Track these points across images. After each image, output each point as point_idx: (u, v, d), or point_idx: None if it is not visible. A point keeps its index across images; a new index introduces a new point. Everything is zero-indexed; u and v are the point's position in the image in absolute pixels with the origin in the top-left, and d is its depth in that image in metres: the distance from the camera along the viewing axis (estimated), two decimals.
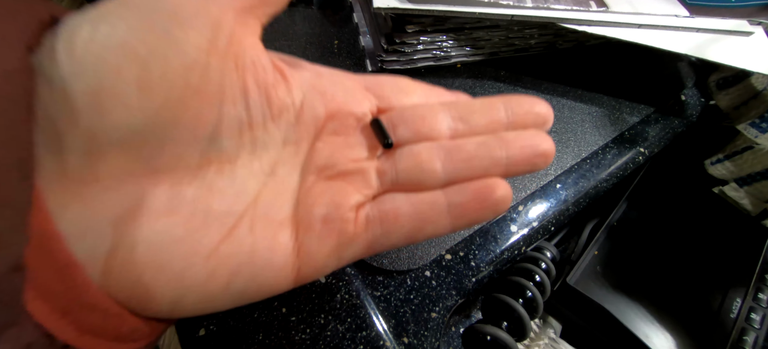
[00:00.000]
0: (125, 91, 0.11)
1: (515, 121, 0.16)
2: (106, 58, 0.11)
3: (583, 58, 0.35)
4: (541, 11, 0.28)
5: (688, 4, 0.34)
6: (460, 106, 0.16)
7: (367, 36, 0.31)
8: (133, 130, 0.11)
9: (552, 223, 0.26)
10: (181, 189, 0.13)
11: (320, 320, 0.20)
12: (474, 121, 0.16)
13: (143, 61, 0.11)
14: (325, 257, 0.14)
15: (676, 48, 0.29)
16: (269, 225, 0.14)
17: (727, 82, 0.35)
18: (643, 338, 0.25)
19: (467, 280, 0.23)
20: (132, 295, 0.12)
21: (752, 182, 0.31)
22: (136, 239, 0.12)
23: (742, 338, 0.25)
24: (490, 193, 0.14)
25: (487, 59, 0.32)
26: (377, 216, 0.14)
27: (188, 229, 0.12)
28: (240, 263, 0.13)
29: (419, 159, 0.15)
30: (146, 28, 0.11)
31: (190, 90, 0.12)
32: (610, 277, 0.28)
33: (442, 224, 0.15)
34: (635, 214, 0.32)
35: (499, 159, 0.15)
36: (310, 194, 0.15)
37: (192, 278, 0.12)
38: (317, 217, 0.14)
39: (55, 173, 0.11)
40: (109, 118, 0.11)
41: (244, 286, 0.13)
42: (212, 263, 0.13)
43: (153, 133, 0.12)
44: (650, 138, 0.31)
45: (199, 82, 0.12)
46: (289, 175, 0.15)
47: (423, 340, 0.21)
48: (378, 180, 0.15)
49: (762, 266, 0.28)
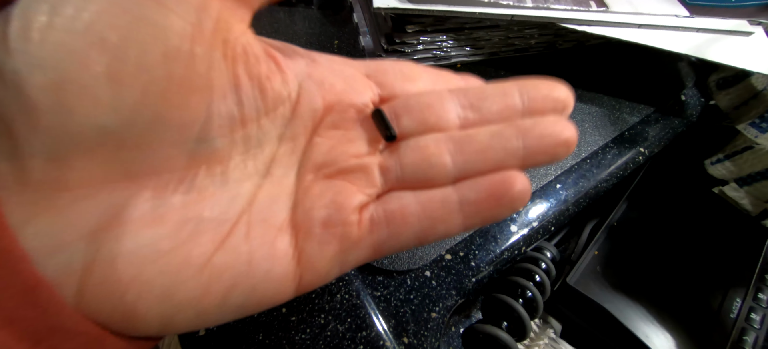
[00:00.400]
0: (94, 85, 0.09)
1: (532, 108, 0.14)
2: (70, 47, 0.09)
3: (583, 58, 0.35)
4: (541, 11, 0.28)
5: (688, 4, 0.34)
6: (470, 92, 0.15)
7: (367, 36, 0.31)
8: (106, 130, 0.10)
9: (552, 223, 0.26)
10: (166, 195, 0.11)
11: (320, 320, 0.20)
12: (486, 108, 0.14)
13: (115, 49, 0.09)
14: (327, 263, 0.13)
15: (676, 48, 0.29)
16: (267, 231, 0.12)
17: (727, 82, 0.35)
18: (643, 338, 0.25)
19: (467, 280, 0.23)
20: (114, 316, 0.10)
21: (752, 182, 0.31)
22: (116, 252, 0.10)
23: (742, 338, 0.25)
24: (509, 187, 0.13)
25: (487, 59, 0.32)
26: (383, 217, 0.13)
27: (176, 240, 0.11)
28: (237, 275, 0.12)
29: (426, 153, 0.14)
30: (118, 12, 0.10)
31: (173, 83, 0.10)
32: (610, 277, 0.28)
33: (454, 223, 0.13)
34: (635, 214, 0.32)
35: (515, 150, 0.13)
36: (308, 194, 0.13)
37: (183, 294, 0.11)
38: (317, 220, 0.13)
39: (14, 182, 0.09)
40: (75, 117, 0.09)
41: (242, 300, 0.12)
42: (205, 277, 0.11)
43: (130, 134, 0.10)
44: (650, 138, 0.31)
45: (183, 74, 0.10)
46: (286, 174, 0.14)
47: (423, 340, 0.21)
48: (382, 177, 0.14)
49: (762, 266, 0.28)
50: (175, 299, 0.11)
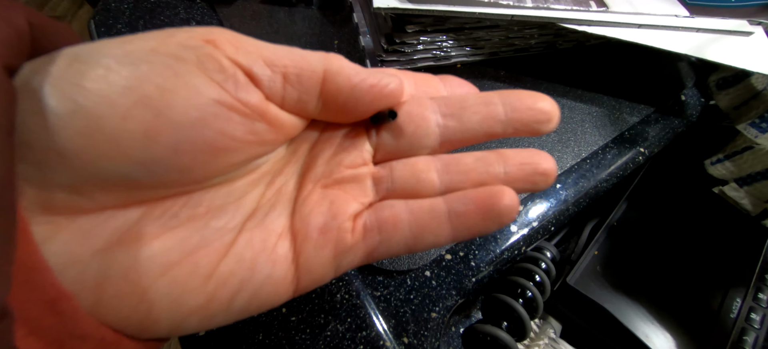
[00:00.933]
0: (129, 139, 0.10)
1: (514, 119, 0.14)
2: (115, 101, 0.10)
3: (583, 58, 0.35)
4: (541, 11, 0.28)
5: (688, 4, 0.34)
6: (451, 100, 0.15)
7: (367, 36, 0.31)
8: (127, 176, 0.11)
9: (552, 223, 0.26)
10: (175, 211, 0.12)
11: (320, 320, 0.20)
12: (467, 117, 0.14)
13: (156, 108, 0.10)
14: (323, 266, 0.14)
15: (676, 48, 0.29)
16: (268, 237, 0.13)
17: (727, 82, 0.35)
18: (643, 338, 0.25)
19: (467, 280, 0.23)
20: (129, 322, 0.11)
21: (752, 182, 0.31)
22: (129, 266, 0.11)
23: (742, 338, 0.25)
24: (497, 201, 0.13)
25: (487, 59, 0.32)
26: (375, 224, 0.14)
27: (184, 251, 0.12)
28: (241, 281, 0.12)
29: (416, 168, 0.15)
30: (166, 74, 0.10)
31: (202, 144, 0.11)
32: (610, 277, 0.28)
33: (443, 233, 0.14)
34: (635, 214, 0.32)
35: (496, 174, 0.14)
36: (306, 203, 0.14)
37: (192, 301, 0.12)
38: (314, 226, 0.14)
39: (39, 207, 0.10)
40: (102, 163, 0.10)
41: (245, 303, 0.13)
42: (212, 285, 0.12)
43: (149, 179, 0.11)
44: (650, 138, 0.31)
45: (213, 137, 0.11)
46: (286, 184, 0.15)
47: (423, 340, 0.21)
48: (374, 188, 0.15)
49: (762, 266, 0.28)
50: (185, 306, 0.12)
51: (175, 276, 0.12)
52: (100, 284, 0.11)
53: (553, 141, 0.29)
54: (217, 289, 0.12)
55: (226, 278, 0.12)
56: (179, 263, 0.12)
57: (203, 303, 0.12)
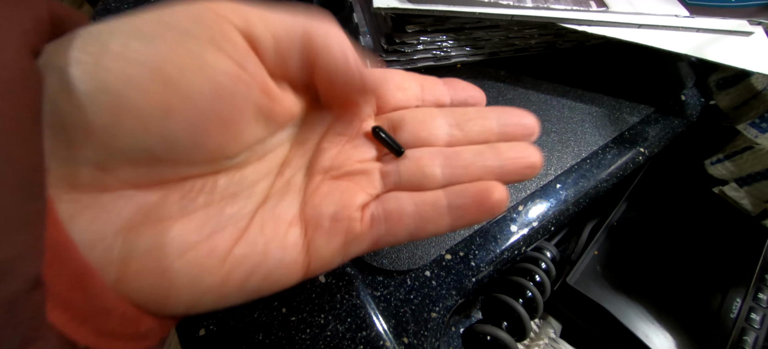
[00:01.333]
0: (149, 113, 0.11)
1: (505, 132, 0.17)
2: (135, 77, 0.10)
3: (583, 58, 0.35)
4: (541, 11, 0.28)
5: (688, 4, 0.34)
6: (456, 112, 0.17)
7: (367, 36, 0.31)
8: (150, 151, 0.11)
9: (552, 223, 0.26)
10: (192, 196, 0.13)
11: (320, 320, 0.20)
12: (468, 128, 0.17)
13: (173, 84, 0.11)
14: (332, 253, 0.15)
15: (676, 48, 0.29)
16: (279, 225, 0.14)
17: (727, 82, 0.35)
18: (643, 338, 0.25)
19: (467, 280, 0.23)
20: (150, 299, 0.12)
21: (752, 182, 0.31)
22: (151, 246, 0.12)
23: (742, 338, 0.25)
24: (489, 195, 0.15)
25: (487, 59, 0.32)
26: (382, 215, 0.15)
27: (202, 234, 0.13)
28: (254, 264, 0.13)
29: (421, 163, 0.16)
30: (181, 51, 0.11)
31: (215, 117, 0.12)
32: (610, 277, 0.28)
33: (443, 223, 0.15)
34: (635, 214, 0.32)
35: (492, 168, 0.16)
36: (317, 193, 0.15)
37: (208, 281, 0.13)
38: (326, 216, 0.15)
39: (65, 184, 0.11)
40: (126, 137, 0.11)
41: (258, 285, 0.14)
42: (227, 266, 0.13)
43: (169, 154, 0.12)
44: (650, 138, 0.31)
45: (224, 109, 0.12)
46: (296, 175, 0.16)
47: (423, 340, 0.21)
48: (381, 181, 0.16)
49: (762, 266, 0.28)
50: (202, 285, 0.13)
51: (193, 257, 0.12)
52: (123, 262, 0.11)
53: (553, 141, 0.29)
54: (232, 270, 0.13)
55: (240, 261, 0.13)
56: (197, 245, 0.12)
57: (219, 283, 0.13)
